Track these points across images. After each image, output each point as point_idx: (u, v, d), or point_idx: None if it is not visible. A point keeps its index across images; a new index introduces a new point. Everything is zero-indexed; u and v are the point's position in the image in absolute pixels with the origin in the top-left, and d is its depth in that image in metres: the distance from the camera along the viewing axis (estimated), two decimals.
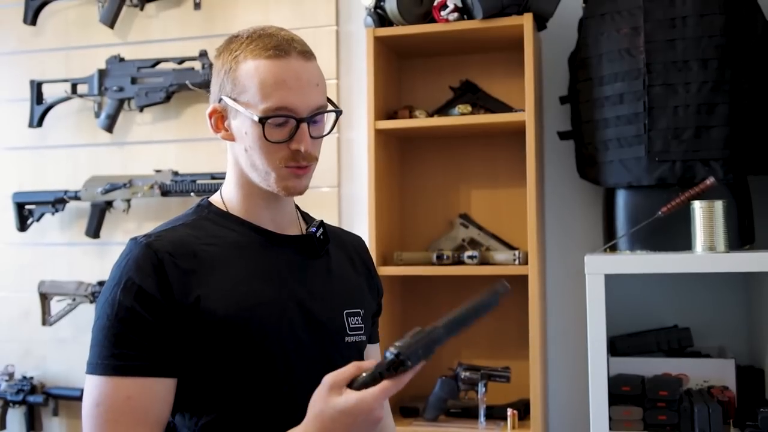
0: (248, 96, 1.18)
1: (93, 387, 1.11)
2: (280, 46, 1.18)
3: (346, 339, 1.26)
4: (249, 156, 1.20)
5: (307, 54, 1.21)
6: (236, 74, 1.19)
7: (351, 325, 1.28)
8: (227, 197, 1.27)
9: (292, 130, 1.18)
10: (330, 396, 1.02)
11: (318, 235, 1.29)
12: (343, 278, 1.31)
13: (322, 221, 1.32)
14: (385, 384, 1.01)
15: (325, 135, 1.24)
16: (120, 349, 1.10)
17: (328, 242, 1.31)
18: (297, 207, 1.35)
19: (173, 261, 1.14)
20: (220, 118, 1.23)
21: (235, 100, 1.20)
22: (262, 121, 1.16)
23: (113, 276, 1.16)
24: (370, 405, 1.01)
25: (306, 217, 1.36)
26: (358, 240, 1.44)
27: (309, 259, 1.27)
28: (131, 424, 1.09)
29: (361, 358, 1.30)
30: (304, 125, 1.18)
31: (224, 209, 1.26)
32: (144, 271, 1.13)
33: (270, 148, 1.18)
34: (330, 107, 1.23)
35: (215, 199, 1.28)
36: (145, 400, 1.10)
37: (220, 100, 1.22)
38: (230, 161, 1.26)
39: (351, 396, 1.01)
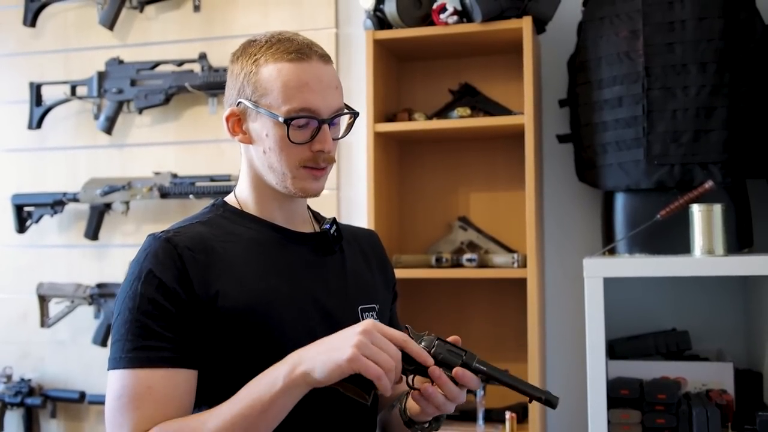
0: (270, 98, 1.20)
1: (115, 381, 1.12)
2: (302, 49, 1.21)
3: None
4: (267, 158, 1.23)
5: (325, 58, 1.24)
6: (257, 77, 1.21)
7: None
8: (242, 197, 1.30)
9: (314, 132, 1.21)
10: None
11: (332, 232, 1.31)
12: (357, 274, 1.34)
13: (334, 218, 1.34)
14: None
15: (341, 137, 1.27)
16: (142, 342, 1.12)
17: (341, 239, 1.33)
18: (308, 206, 1.38)
19: (193, 256, 1.16)
20: (237, 122, 1.26)
21: (255, 102, 1.22)
22: (287, 122, 1.19)
23: (132, 271, 1.17)
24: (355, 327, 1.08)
25: (317, 216, 1.39)
26: (369, 233, 1.47)
27: (323, 257, 1.30)
28: (151, 412, 1.09)
29: None
30: (326, 126, 1.22)
31: (239, 208, 1.29)
32: (164, 265, 1.15)
33: (291, 149, 1.21)
34: (346, 110, 1.26)
35: (230, 199, 1.31)
36: (166, 389, 1.11)
37: (239, 103, 1.24)
38: (245, 163, 1.29)
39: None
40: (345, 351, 1.04)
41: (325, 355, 1.06)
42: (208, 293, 1.15)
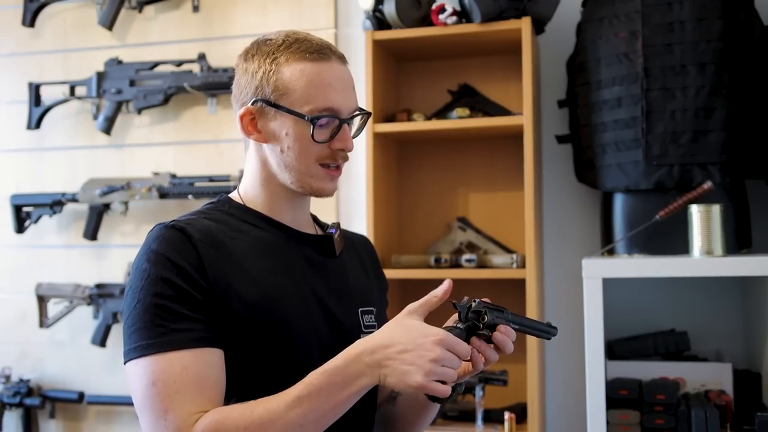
0: (293, 98, 1.21)
1: (144, 369, 1.09)
2: (322, 50, 1.22)
3: (361, 336, 1.27)
4: (285, 156, 1.23)
5: (343, 58, 1.26)
6: (278, 76, 1.21)
7: (366, 323, 1.31)
8: (248, 195, 1.29)
9: (334, 130, 1.22)
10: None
11: (336, 236, 1.32)
12: (356, 278, 1.35)
13: (338, 224, 1.35)
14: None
15: (355, 137, 1.28)
16: (171, 325, 1.10)
17: (344, 244, 1.35)
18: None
19: (205, 247, 1.15)
20: (251, 120, 1.24)
21: (275, 101, 1.21)
22: (314, 121, 1.19)
23: (146, 258, 1.14)
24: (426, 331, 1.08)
25: (316, 220, 1.39)
26: (364, 240, 1.48)
27: (326, 259, 1.30)
28: (191, 393, 1.07)
29: None
30: (346, 125, 1.23)
31: (245, 206, 1.28)
32: (181, 253, 1.13)
33: (312, 148, 1.21)
34: (361, 110, 1.28)
35: (234, 196, 1.30)
36: (201, 369, 1.09)
37: (255, 102, 1.23)
38: (254, 162, 1.28)
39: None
40: (416, 376, 1.05)
41: (399, 371, 1.06)
42: (221, 285, 1.14)
